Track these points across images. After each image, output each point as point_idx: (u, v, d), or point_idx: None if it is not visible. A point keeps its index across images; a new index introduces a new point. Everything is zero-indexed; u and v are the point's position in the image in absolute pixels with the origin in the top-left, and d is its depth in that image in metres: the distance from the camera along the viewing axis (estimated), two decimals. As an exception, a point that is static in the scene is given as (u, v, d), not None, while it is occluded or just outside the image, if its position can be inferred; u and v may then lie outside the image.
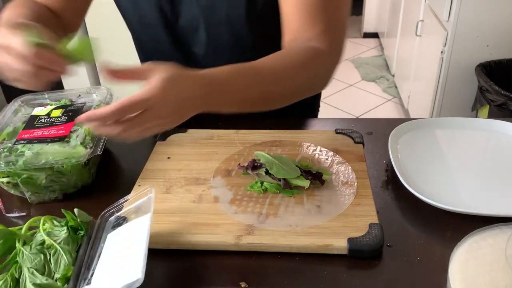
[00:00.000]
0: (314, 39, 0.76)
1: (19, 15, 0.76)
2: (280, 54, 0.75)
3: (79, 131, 0.77)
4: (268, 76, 0.72)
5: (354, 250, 0.61)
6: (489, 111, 1.93)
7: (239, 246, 0.63)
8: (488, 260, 0.54)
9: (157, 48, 0.96)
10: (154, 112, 0.60)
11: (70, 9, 0.91)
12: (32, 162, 0.71)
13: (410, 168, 0.78)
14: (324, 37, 0.76)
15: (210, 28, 0.88)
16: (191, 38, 0.91)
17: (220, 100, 0.68)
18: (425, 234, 0.67)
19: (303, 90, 0.80)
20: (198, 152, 0.84)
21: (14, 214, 0.74)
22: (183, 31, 0.91)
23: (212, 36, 0.89)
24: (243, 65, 0.70)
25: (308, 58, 0.75)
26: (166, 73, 0.60)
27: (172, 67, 0.62)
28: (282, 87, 0.75)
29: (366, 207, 0.68)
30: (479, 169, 0.79)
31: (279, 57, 0.74)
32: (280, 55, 0.75)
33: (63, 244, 0.60)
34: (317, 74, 0.78)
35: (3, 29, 0.65)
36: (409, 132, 0.87)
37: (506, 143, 0.85)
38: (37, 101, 0.89)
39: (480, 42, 2.01)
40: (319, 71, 0.78)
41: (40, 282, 0.56)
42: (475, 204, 0.70)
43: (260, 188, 0.72)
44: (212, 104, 0.67)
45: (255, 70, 0.71)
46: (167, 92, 0.59)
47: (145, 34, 0.96)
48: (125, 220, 0.64)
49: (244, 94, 0.71)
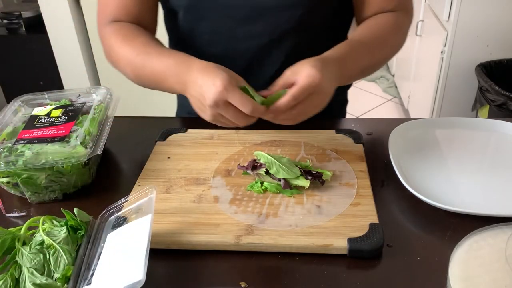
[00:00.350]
0: (392, 11, 0.88)
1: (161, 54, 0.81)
2: (375, 24, 0.87)
3: (79, 131, 0.77)
4: (373, 45, 0.84)
5: (354, 250, 0.61)
6: (489, 111, 1.93)
7: (239, 246, 0.63)
8: (488, 260, 0.54)
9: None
10: (319, 93, 0.70)
11: (152, 20, 0.94)
12: (32, 162, 0.71)
13: (410, 168, 0.77)
14: (400, 9, 0.89)
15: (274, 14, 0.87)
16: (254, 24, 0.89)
17: (347, 74, 0.80)
18: (425, 234, 0.67)
19: (396, 51, 0.91)
20: (198, 152, 0.84)
21: (14, 214, 0.74)
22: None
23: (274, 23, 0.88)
24: (352, 41, 0.82)
25: (397, 24, 0.88)
26: (312, 63, 0.70)
27: (308, 60, 0.72)
28: (384, 52, 0.88)
29: (366, 207, 0.68)
30: (479, 169, 0.79)
31: (376, 27, 0.86)
32: (375, 25, 0.86)
33: (63, 244, 0.59)
34: (404, 34, 0.91)
35: (218, 81, 0.67)
36: (409, 132, 0.87)
37: (506, 143, 0.85)
38: (37, 101, 0.89)
39: (480, 42, 2.01)
40: (405, 32, 0.91)
41: (40, 282, 0.56)
42: (475, 204, 0.70)
43: (260, 188, 0.72)
44: (343, 78, 0.78)
45: (362, 42, 0.83)
46: (323, 74, 0.69)
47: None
48: (125, 220, 0.64)
49: (360, 64, 0.82)
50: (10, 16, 2.57)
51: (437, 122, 0.92)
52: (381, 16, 0.88)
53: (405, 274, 0.60)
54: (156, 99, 0.89)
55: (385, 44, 0.87)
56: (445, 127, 0.90)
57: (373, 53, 0.84)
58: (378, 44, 0.85)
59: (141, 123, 1.03)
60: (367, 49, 0.82)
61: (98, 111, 0.83)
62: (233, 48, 0.91)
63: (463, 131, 0.89)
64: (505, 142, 0.85)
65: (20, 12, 2.57)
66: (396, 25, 0.88)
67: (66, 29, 2.42)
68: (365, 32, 0.85)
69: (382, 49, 0.86)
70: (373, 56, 0.85)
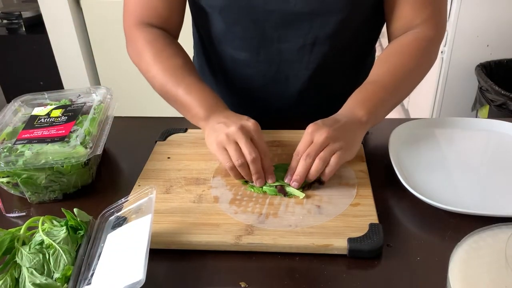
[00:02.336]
0: (421, 25, 0.84)
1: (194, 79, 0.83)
2: (396, 57, 0.84)
3: (79, 131, 0.77)
4: (396, 84, 0.82)
5: (354, 250, 0.61)
6: (489, 111, 1.93)
7: (239, 246, 0.63)
8: (488, 260, 0.54)
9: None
10: (324, 133, 0.71)
11: (179, 21, 0.93)
12: (32, 162, 0.71)
13: (410, 168, 0.77)
14: (430, 23, 0.84)
15: (315, 18, 0.85)
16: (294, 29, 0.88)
17: (374, 115, 0.78)
18: (425, 234, 0.67)
19: (422, 77, 0.88)
20: (198, 152, 0.84)
21: (14, 214, 0.74)
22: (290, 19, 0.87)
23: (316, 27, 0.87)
24: (375, 84, 0.81)
25: (422, 50, 0.84)
26: (323, 122, 0.73)
27: (324, 121, 0.74)
28: (411, 83, 0.85)
29: (366, 207, 0.68)
30: (479, 169, 0.79)
31: (397, 61, 0.83)
32: (396, 58, 0.84)
33: (63, 244, 0.59)
34: (431, 58, 0.88)
35: (252, 120, 0.75)
36: (409, 132, 0.87)
37: (506, 143, 0.85)
38: (37, 101, 0.89)
39: (480, 42, 2.01)
40: (433, 55, 0.88)
41: (40, 282, 0.56)
42: (475, 204, 0.70)
43: (261, 189, 0.72)
44: (370, 122, 0.77)
45: (384, 86, 0.80)
46: (324, 123, 0.73)
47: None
48: (125, 220, 0.64)
49: (385, 108, 0.81)
50: (10, 16, 2.58)
51: (437, 122, 0.92)
52: (409, 40, 0.84)
53: (405, 274, 0.60)
54: (156, 99, 0.88)
55: (413, 77, 0.85)
56: (445, 127, 0.90)
57: (400, 91, 0.83)
58: (400, 81, 0.82)
59: (141, 123, 1.03)
60: (388, 90, 0.81)
61: (98, 111, 0.83)
62: (264, 53, 0.90)
63: (463, 131, 0.89)
64: (505, 142, 0.85)
65: (20, 12, 2.57)
66: (423, 53, 0.84)
67: (66, 29, 2.43)
68: (387, 70, 0.83)
69: (405, 84, 0.84)
70: (401, 92, 0.84)
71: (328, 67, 0.91)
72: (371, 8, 0.86)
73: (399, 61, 0.83)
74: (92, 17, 2.43)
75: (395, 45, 0.86)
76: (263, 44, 0.89)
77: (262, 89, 0.96)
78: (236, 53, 0.92)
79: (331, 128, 0.72)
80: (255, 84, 0.96)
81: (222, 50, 0.94)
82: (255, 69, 0.93)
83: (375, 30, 0.95)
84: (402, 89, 0.84)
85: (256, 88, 0.97)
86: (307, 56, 0.89)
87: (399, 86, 0.82)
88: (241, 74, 0.96)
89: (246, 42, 0.90)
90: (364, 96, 0.79)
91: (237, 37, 0.90)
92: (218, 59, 0.97)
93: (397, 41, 0.86)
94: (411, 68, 0.83)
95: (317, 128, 0.72)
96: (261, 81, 0.95)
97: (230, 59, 0.94)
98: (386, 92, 0.80)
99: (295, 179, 0.71)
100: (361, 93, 0.80)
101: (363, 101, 0.78)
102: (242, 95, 0.99)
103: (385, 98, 0.80)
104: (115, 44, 2.31)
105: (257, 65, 0.92)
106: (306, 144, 0.72)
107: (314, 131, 0.72)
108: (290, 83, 0.94)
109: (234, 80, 0.98)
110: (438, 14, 0.86)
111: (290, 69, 0.92)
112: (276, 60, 0.91)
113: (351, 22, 0.85)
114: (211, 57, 0.99)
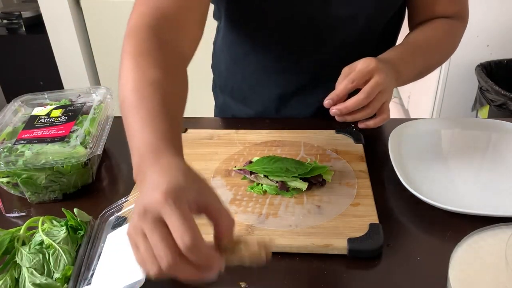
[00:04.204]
0: (450, 18, 0.88)
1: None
2: (431, 29, 0.86)
3: (79, 131, 0.77)
4: (427, 49, 0.84)
5: (354, 250, 0.61)
6: (489, 111, 1.92)
7: (239, 246, 0.63)
8: (488, 260, 0.54)
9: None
10: (380, 79, 0.69)
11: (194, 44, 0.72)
12: (32, 162, 0.71)
13: (410, 168, 0.77)
14: (458, 16, 0.90)
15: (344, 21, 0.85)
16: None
17: (403, 75, 0.77)
18: (425, 234, 0.67)
19: (448, 56, 0.94)
20: (198, 152, 0.84)
21: (14, 214, 0.74)
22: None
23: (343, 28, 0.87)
24: (407, 44, 0.83)
25: (452, 30, 0.88)
26: (366, 58, 0.71)
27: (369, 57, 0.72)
28: (437, 56, 0.89)
29: (366, 207, 0.68)
30: (479, 169, 0.79)
31: (431, 32, 0.86)
32: (431, 30, 0.86)
33: (63, 244, 0.59)
34: (457, 41, 0.91)
35: (165, 185, 0.44)
36: (409, 132, 0.87)
37: (506, 143, 0.85)
38: (37, 101, 0.89)
39: (480, 42, 2.01)
40: (458, 39, 0.91)
41: (40, 282, 0.56)
42: (475, 204, 0.70)
43: (261, 190, 0.72)
44: (399, 80, 0.76)
45: (417, 45, 0.83)
46: (378, 62, 0.70)
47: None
48: (125, 220, 0.64)
49: (415, 67, 0.82)
50: (10, 16, 2.58)
51: (437, 122, 0.92)
52: (436, 22, 0.87)
53: (405, 274, 0.60)
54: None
55: (439, 49, 0.87)
56: (445, 127, 0.90)
57: (427, 57, 0.85)
58: (432, 48, 0.85)
59: (141, 123, 1.03)
60: (421, 53, 0.83)
61: (98, 111, 0.83)
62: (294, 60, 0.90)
63: (463, 131, 0.89)
64: (505, 142, 0.85)
65: (20, 12, 2.57)
66: (451, 31, 0.88)
67: (66, 29, 2.43)
68: (420, 36, 0.85)
69: (436, 53, 0.87)
70: (427, 59, 0.85)
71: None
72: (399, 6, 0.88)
73: (433, 32, 0.86)
74: (92, 17, 2.43)
75: (429, 23, 0.88)
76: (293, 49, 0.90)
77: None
78: (264, 60, 0.92)
79: (385, 73, 0.70)
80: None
81: (249, 50, 0.92)
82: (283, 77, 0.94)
83: (397, 27, 0.96)
84: (431, 59, 0.87)
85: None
86: (338, 63, 0.87)
87: (431, 54, 0.85)
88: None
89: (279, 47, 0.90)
90: (403, 55, 0.79)
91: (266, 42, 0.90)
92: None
93: (427, 24, 0.88)
94: (441, 41, 0.87)
95: (377, 69, 0.69)
96: None
97: (259, 64, 0.93)
98: (420, 57, 0.82)
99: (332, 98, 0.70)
100: (401, 51, 0.80)
101: (403, 60, 0.78)
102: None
103: (418, 63, 0.82)
104: (115, 44, 2.31)
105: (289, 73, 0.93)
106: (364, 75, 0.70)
107: (375, 70, 0.69)
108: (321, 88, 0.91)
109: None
110: (465, 8, 0.92)
111: (323, 75, 0.92)
112: (310, 67, 0.92)
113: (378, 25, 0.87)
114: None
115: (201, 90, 1.46)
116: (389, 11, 0.86)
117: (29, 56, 2.61)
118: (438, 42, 0.86)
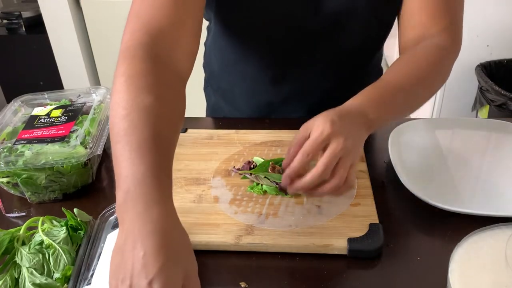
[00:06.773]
0: (437, 35, 0.78)
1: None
2: (412, 61, 0.77)
3: (79, 131, 0.77)
4: (411, 88, 0.73)
5: (354, 250, 0.61)
6: (489, 111, 1.93)
7: (239, 246, 0.63)
8: (488, 260, 0.54)
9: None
10: (338, 142, 0.59)
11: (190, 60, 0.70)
12: (32, 162, 0.71)
13: (410, 168, 0.77)
14: (447, 33, 0.79)
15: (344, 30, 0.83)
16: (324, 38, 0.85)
17: (381, 118, 0.68)
18: (425, 234, 0.67)
19: (436, 90, 0.82)
20: (198, 152, 0.84)
21: (14, 214, 0.74)
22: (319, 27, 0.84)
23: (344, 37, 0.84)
24: (387, 82, 0.72)
25: (438, 60, 0.77)
26: (325, 114, 0.61)
27: (323, 113, 0.62)
28: (424, 90, 0.77)
29: (366, 207, 0.68)
30: (479, 169, 0.79)
31: (413, 65, 0.76)
32: (412, 62, 0.77)
33: (62, 244, 0.60)
34: (446, 72, 0.81)
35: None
36: (409, 132, 0.87)
37: (506, 143, 0.85)
38: (37, 101, 0.89)
39: (480, 42, 2.01)
40: (447, 69, 0.81)
41: (40, 281, 0.56)
42: (475, 204, 0.70)
43: (261, 190, 0.72)
44: (376, 123, 0.67)
45: (397, 85, 0.72)
46: (335, 123, 0.59)
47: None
48: (125, 220, 0.64)
49: (397, 106, 0.72)
50: (10, 16, 2.57)
51: (437, 122, 0.92)
52: (420, 52, 0.78)
53: (405, 274, 0.60)
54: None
55: (424, 84, 0.76)
56: (445, 127, 0.90)
57: (410, 94, 0.74)
58: (415, 86, 0.74)
59: (141, 123, 1.03)
60: (403, 90, 0.72)
61: (98, 111, 0.83)
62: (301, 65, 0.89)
63: (463, 131, 0.89)
64: (505, 142, 0.85)
65: (20, 12, 2.57)
66: (439, 64, 0.78)
67: (66, 29, 2.42)
68: (402, 71, 0.75)
69: (420, 88, 0.76)
70: (410, 97, 0.75)
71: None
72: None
73: (416, 66, 0.76)
74: (92, 17, 2.42)
75: (411, 52, 0.79)
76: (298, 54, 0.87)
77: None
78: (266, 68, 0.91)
79: (344, 136, 0.60)
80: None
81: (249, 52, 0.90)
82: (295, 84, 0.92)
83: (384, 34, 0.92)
84: (415, 96, 0.76)
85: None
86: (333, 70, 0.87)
87: (414, 92, 0.74)
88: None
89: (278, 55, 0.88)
90: (377, 95, 0.69)
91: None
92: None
93: (413, 50, 0.80)
94: (426, 76, 0.76)
95: (333, 134, 0.59)
96: None
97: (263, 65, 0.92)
98: (400, 96, 0.71)
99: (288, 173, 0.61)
100: (375, 92, 0.70)
101: (376, 102, 0.68)
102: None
103: (398, 102, 0.72)
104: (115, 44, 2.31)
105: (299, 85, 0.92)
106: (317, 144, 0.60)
107: (331, 136, 0.59)
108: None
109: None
110: (455, 25, 0.80)
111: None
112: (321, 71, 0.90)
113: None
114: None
115: (193, 89, 1.45)
116: (382, 22, 0.84)
117: (29, 56, 2.61)
118: (422, 77, 0.75)
